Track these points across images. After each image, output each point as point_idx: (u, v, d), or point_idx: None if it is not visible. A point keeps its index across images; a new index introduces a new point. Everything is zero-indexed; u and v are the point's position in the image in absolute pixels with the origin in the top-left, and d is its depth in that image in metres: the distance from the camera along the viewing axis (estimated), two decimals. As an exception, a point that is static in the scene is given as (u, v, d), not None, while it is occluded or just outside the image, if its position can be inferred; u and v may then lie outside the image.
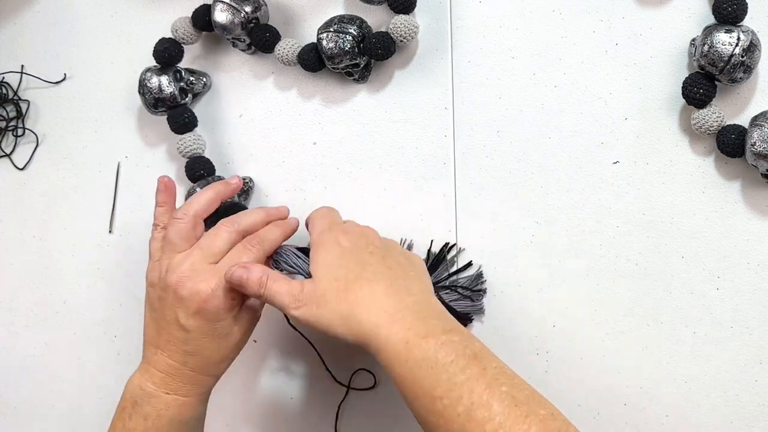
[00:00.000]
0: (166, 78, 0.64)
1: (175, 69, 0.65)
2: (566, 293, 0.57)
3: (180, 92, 0.64)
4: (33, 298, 0.69)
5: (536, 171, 0.59)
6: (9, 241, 0.71)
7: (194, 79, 0.66)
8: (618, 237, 0.57)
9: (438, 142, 0.61)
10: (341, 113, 0.64)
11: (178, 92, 0.64)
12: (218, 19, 0.63)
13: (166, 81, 0.64)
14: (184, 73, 0.65)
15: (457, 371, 0.45)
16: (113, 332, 0.67)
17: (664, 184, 0.57)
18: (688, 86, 0.55)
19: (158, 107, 0.64)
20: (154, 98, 0.64)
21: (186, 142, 0.64)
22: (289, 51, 0.63)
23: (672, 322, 0.55)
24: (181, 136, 0.65)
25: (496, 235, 0.59)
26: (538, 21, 0.61)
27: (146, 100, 0.64)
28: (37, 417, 0.68)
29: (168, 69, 0.65)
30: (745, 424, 0.53)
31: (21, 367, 0.69)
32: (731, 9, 0.53)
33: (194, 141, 0.64)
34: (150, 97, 0.64)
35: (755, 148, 0.52)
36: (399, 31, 0.60)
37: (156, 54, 0.64)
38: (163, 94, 0.64)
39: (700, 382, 0.54)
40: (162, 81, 0.64)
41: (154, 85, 0.64)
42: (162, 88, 0.64)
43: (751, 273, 0.55)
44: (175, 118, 0.64)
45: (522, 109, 0.60)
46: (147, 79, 0.64)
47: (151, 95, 0.64)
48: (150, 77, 0.64)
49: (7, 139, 0.72)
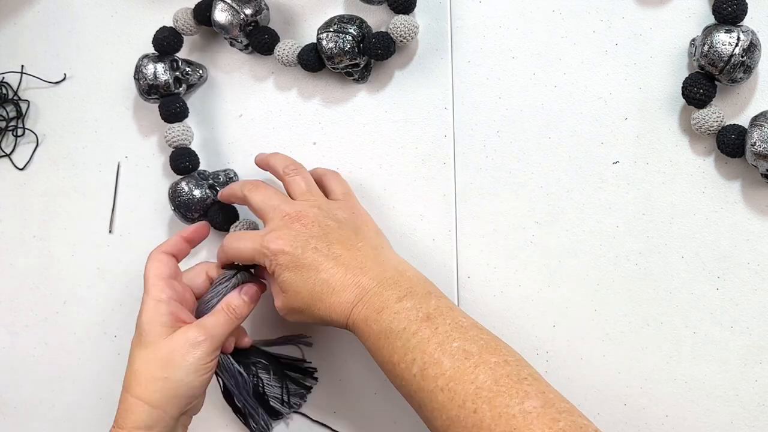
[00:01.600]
0: (162, 66, 0.64)
1: (172, 58, 0.65)
2: (566, 293, 0.57)
3: (174, 81, 0.64)
4: (33, 298, 0.69)
5: (536, 171, 0.59)
6: (9, 241, 0.71)
7: (190, 70, 0.66)
8: (618, 237, 0.57)
9: (438, 142, 0.61)
10: (341, 113, 0.64)
11: (173, 81, 0.64)
12: (217, 18, 0.63)
13: (162, 68, 0.64)
14: (181, 63, 0.66)
15: (410, 336, 0.48)
16: (113, 332, 0.67)
17: (664, 184, 0.57)
18: (688, 86, 0.55)
19: (151, 94, 0.64)
20: (148, 84, 0.64)
21: (174, 131, 0.64)
22: (289, 51, 0.63)
23: (672, 322, 0.55)
24: (170, 125, 0.65)
25: (496, 235, 0.59)
26: (538, 21, 0.61)
27: (140, 86, 0.64)
28: (37, 417, 0.68)
29: (165, 57, 0.65)
30: (745, 424, 0.53)
31: (21, 367, 0.69)
32: (731, 9, 0.53)
33: (182, 131, 0.64)
34: (144, 83, 0.64)
35: (755, 148, 0.52)
36: (399, 31, 0.60)
37: (155, 41, 0.65)
38: (157, 81, 0.64)
39: (700, 382, 0.54)
40: (158, 68, 0.64)
41: (149, 71, 0.64)
42: (157, 75, 0.64)
43: (751, 273, 0.54)
44: (167, 106, 0.64)
45: (522, 109, 0.60)
46: (143, 65, 0.64)
47: (145, 81, 0.64)
48: (146, 63, 0.64)
49: (7, 139, 0.72)
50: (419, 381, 0.47)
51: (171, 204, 0.63)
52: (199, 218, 0.63)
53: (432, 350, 0.47)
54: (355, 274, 0.52)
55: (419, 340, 0.48)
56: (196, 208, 0.63)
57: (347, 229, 0.55)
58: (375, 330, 0.50)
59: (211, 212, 0.63)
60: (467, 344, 0.48)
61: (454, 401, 0.46)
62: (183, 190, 0.63)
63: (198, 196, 0.63)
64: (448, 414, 0.46)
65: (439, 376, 0.46)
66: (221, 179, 0.64)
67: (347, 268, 0.52)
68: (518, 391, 0.45)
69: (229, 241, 0.56)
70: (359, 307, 0.51)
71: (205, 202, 0.63)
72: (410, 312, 0.50)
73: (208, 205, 0.63)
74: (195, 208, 0.63)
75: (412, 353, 0.48)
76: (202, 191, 0.63)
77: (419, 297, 0.51)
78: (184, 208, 0.63)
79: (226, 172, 0.65)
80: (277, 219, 0.54)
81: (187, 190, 0.63)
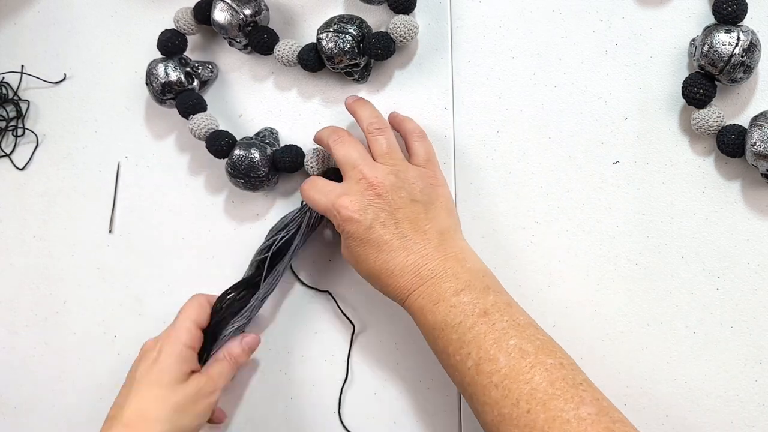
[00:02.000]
0: (171, 64, 0.64)
1: (179, 57, 0.65)
2: (566, 293, 0.57)
3: (186, 76, 0.64)
4: (33, 298, 0.69)
5: (536, 171, 0.59)
6: (9, 241, 0.71)
7: (200, 65, 0.66)
8: (618, 237, 0.57)
9: (438, 142, 0.61)
10: (341, 113, 0.64)
11: (184, 76, 0.64)
12: (217, 18, 0.63)
13: (172, 66, 0.64)
14: (189, 60, 0.66)
15: (465, 330, 0.49)
16: (113, 332, 0.67)
17: (664, 184, 0.57)
18: (688, 86, 0.55)
19: (166, 94, 0.64)
20: (161, 84, 0.64)
21: (197, 121, 0.63)
22: (289, 51, 0.63)
23: (672, 322, 0.55)
24: (190, 117, 0.64)
25: (496, 235, 0.59)
26: (538, 21, 0.61)
27: (153, 89, 0.64)
28: (37, 417, 0.68)
29: (172, 57, 0.65)
30: (745, 424, 0.53)
31: (21, 367, 0.69)
32: (731, 9, 0.53)
33: (205, 118, 0.64)
34: (157, 84, 0.64)
35: (755, 148, 0.52)
36: (399, 31, 0.60)
37: (160, 44, 0.65)
38: (169, 79, 0.64)
39: (700, 382, 0.54)
40: (168, 67, 0.64)
41: (160, 71, 0.64)
42: (168, 73, 0.64)
43: (751, 273, 0.54)
44: (183, 102, 0.64)
45: (522, 109, 0.60)
46: (153, 68, 0.64)
47: (157, 81, 0.64)
48: (155, 65, 0.64)
49: (7, 139, 0.72)
50: (473, 375, 0.48)
51: (233, 176, 0.62)
52: (266, 174, 0.62)
53: (488, 346, 0.48)
54: (416, 261, 0.52)
55: (475, 335, 0.48)
56: (262, 165, 0.61)
57: (419, 204, 0.54)
58: (430, 321, 0.51)
59: (277, 159, 0.62)
60: (524, 343, 0.48)
61: (507, 399, 0.46)
62: (241, 156, 0.61)
63: (258, 156, 0.61)
64: (500, 410, 0.46)
65: (494, 373, 0.47)
66: (267, 138, 0.64)
67: (408, 252, 0.52)
68: (573, 396, 0.45)
69: (307, 187, 0.57)
70: (415, 296, 0.52)
71: (269, 159, 0.62)
72: (467, 306, 0.50)
73: (272, 159, 0.62)
74: (260, 166, 0.61)
75: (467, 347, 0.48)
76: (260, 150, 0.62)
77: (477, 291, 0.51)
78: (249, 171, 0.61)
79: (270, 130, 0.65)
80: (354, 179, 0.54)
81: (246, 154, 0.61)
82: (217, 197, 0.66)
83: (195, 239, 0.66)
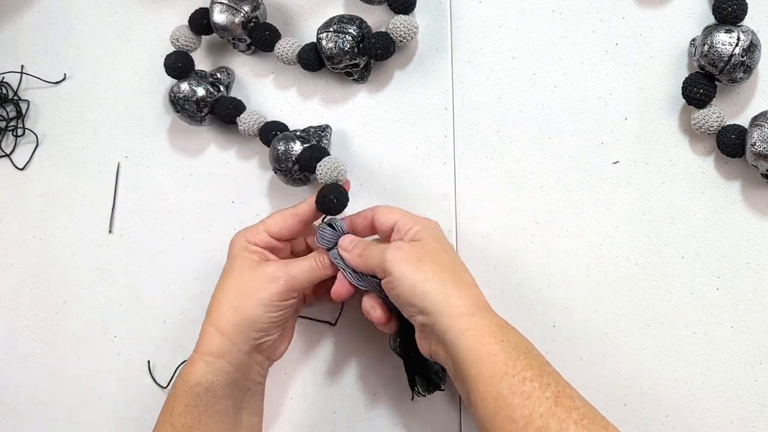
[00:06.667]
0: (193, 81, 0.63)
1: (194, 73, 0.65)
2: (566, 293, 0.57)
3: (212, 87, 0.64)
4: (33, 298, 0.69)
5: (536, 171, 0.59)
6: (9, 241, 0.71)
7: (217, 72, 0.66)
8: (618, 237, 0.57)
9: (438, 142, 0.61)
10: (341, 113, 0.64)
11: (211, 87, 0.63)
12: (218, 20, 0.63)
13: (194, 83, 0.63)
14: (204, 72, 0.65)
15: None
16: (113, 332, 0.67)
17: (664, 184, 0.57)
18: (688, 86, 0.55)
19: (202, 109, 0.63)
20: (194, 103, 0.63)
21: (245, 120, 0.63)
22: (289, 50, 0.63)
23: (672, 322, 0.55)
24: (238, 120, 0.63)
25: (496, 235, 0.59)
26: (538, 21, 0.61)
27: (188, 111, 0.63)
28: (37, 417, 0.68)
29: (185, 77, 0.64)
30: (745, 424, 0.53)
31: (21, 367, 0.69)
32: (731, 9, 0.53)
33: (251, 115, 0.63)
34: (190, 105, 0.63)
35: (755, 148, 0.52)
36: (399, 31, 0.60)
37: (168, 69, 0.64)
38: (198, 95, 0.63)
39: (700, 382, 0.54)
40: (191, 84, 0.63)
41: (185, 90, 0.63)
42: (195, 90, 0.63)
43: (751, 273, 0.55)
44: (222, 108, 0.63)
45: (522, 109, 0.60)
46: (177, 92, 0.63)
47: (190, 102, 0.63)
48: (179, 88, 0.63)
49: (7, 139, 0.72)
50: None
51: (275, 166, 0.60)
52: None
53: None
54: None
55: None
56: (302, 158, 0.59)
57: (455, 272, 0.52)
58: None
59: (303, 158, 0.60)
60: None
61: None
62: (280, 149, 0.60)
63: (299, 148, 0.60)
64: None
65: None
66: (315, 134, 0.62)
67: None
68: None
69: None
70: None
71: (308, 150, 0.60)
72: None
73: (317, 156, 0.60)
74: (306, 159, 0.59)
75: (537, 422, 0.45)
76: (302, 143, 0.60)
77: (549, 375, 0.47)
78: (300, 162, 0.60)
79: (321, 127, 0.63)
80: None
81: (285, 149, 0.60)
82: (217, 197, 0.66)
83: (195, 239, 0.66)
